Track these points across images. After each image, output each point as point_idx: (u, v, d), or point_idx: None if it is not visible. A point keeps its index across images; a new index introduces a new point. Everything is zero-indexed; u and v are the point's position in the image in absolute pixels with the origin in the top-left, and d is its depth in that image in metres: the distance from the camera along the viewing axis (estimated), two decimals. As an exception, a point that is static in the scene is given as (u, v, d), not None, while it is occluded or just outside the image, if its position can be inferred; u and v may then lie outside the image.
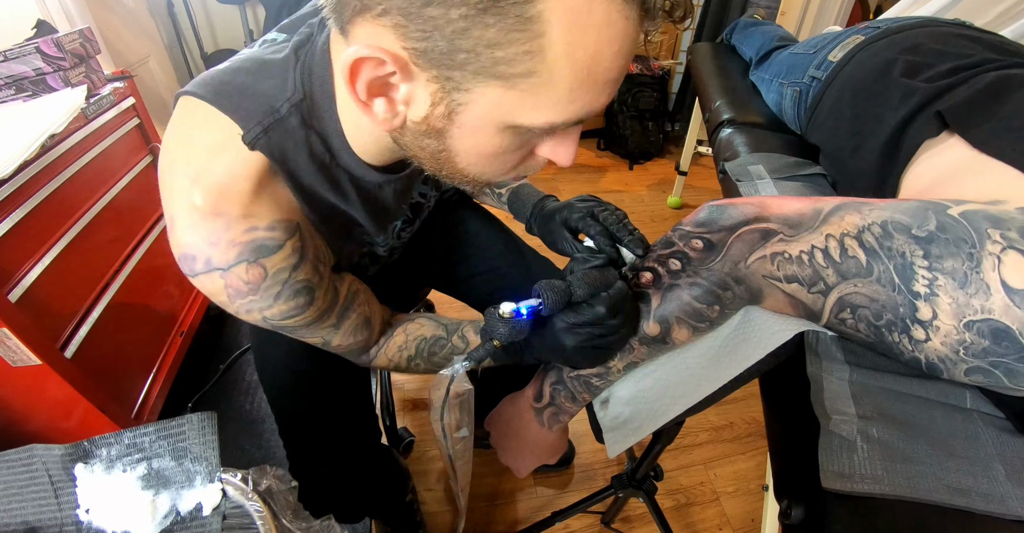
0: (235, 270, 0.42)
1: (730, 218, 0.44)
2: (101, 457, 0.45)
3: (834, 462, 0.41)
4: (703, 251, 0.45)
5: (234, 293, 0.43)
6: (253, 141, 0.41)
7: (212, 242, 0.41)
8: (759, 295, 0.44)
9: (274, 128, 0.42)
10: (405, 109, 0.37)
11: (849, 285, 0.39)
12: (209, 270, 0.42)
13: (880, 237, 0.38)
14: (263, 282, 0.44)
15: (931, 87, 0.63)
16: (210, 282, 0.43)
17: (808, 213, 0.42)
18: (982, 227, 0.36)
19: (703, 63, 1.57)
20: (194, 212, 0.40)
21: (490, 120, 0.36)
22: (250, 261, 0.42)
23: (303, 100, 0.44)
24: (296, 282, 0.46)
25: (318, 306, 0.49)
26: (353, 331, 0.55)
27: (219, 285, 0.43)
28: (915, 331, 0.38)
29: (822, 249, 0.40)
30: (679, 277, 0.46)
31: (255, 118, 0.42)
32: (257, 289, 0.44)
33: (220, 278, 0.42)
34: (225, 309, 0.47)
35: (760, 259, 0.43)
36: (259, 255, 0.43)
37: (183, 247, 0.42)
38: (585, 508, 0.99)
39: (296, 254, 0.45)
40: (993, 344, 0.35)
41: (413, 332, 0.61)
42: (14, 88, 0.96)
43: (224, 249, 0.41)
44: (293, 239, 0.45)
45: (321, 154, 0.46)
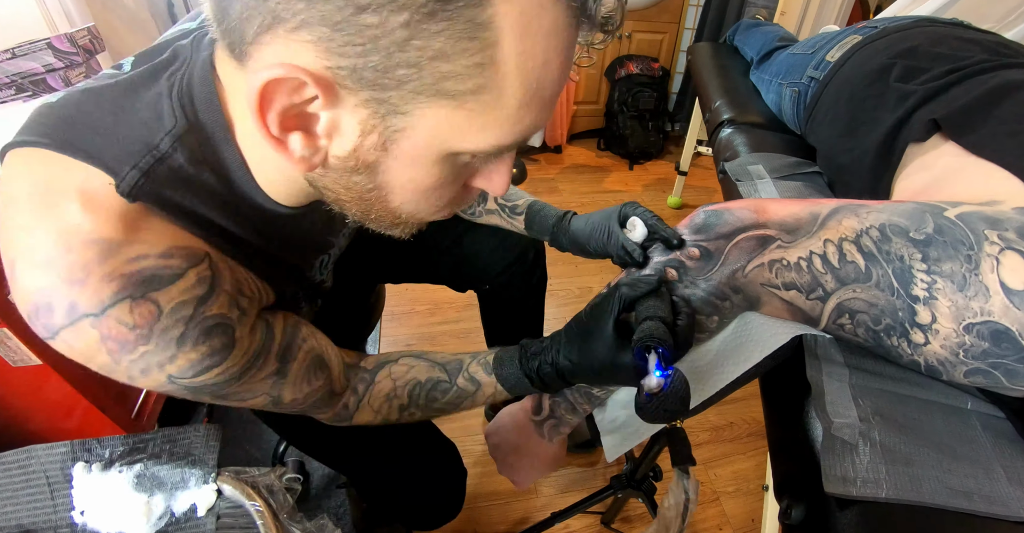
0: (112, 312, 0.31)
1: (727, 225, 0.44)
2: (101, 457, 0.45)
3: (836, 466, 0.41)
4: (700, 260, 0.45)
5: (117, 347, 0.32)
6: (131, 189, 0.32)
7: (76, 280, 0.30)
8: (757, 303, 0.44)
9: (155, 170, 0.33)
10: (327, 143, 0.31)
11: (848, 291, 0.39)
12: (74, 320, 0.31)
13: (878, 241, 0.38)
14: (156, 323, 0.32)
15: (925, 88, 0.63)
16: (78, 338, 0.31)
17: (805, 217, 0.41)
18: (979, 228, 0.36)
19: (703, 63, 1.57)
20: (46, 245, 0.30)
21: (431, 147, 0.31)
22: (135, 297, 0.31)
23: (188, 132, 0.34)
24: (205, 319, 0.35)
25: (244, 348, 0.38)
26: (305, 375, 0.45)
27: (92, 339, 0.31)
28: (914, 335, 0.37)
29: (820, 255, 0.40)
30: (676, 288, 0.46)
31: (128, 160, 0.32)
32: (149, 335, 0.32)
33: (91, 328, 0.31)
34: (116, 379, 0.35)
35: (758, 267, 0.42)
36: (148, 288, 0.32)
37: (32, 295, 0.31)
38: (585, 508, 0.99)
39: (204, 284, 0.35)
40: (993, 346, 0.35)
41: (401, 376, 0.53)
42: (14, 88, 0.96)
43: (96, 286, 0.30)
44: (199, 266, 0.35)
45: (223, 194, 0.37)
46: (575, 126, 2.81)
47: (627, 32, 2.57)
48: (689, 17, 2.60)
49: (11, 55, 0.93)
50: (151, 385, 0.36)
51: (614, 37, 0.34)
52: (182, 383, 0.36)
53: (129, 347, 0.32)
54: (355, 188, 0.34)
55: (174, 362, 0.34)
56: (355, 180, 0.33)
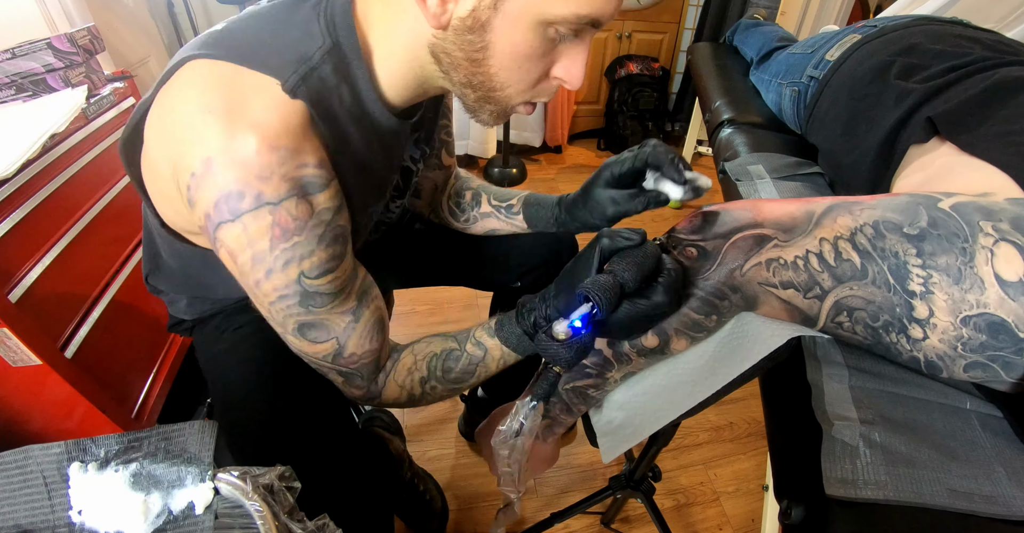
0: (286, 204, 0.40)
1: (724, 224, 0.44)
2: (97, 457, 0.45)
3: (837, 468, 0.41)
4: (698, 259, 0.45)
5: (280, 234, 0.41)
6: (294, 89, 0.41)
7: (264, 177, 0.39)
8: (755, 302, 0.44)
9: (310, 77, 0.42)
10: (454, 6, 0.40)
11: (845, 288, 0.39)
12: (259, 206, 0.40)
13: (873, 238, 0.38)
14: (310, 220, 0.42)
15: (925, 87, 0.63)
16: (256, 221, 0.40)
17: (801, 216, 0.42)
18: (974, 219, 0.36)
19: (703, 63, 1.57)
20: (242, 149, 0.38)
21: (529, 10, 0.40)
22: (299, 196, 0.41)
23: (333, 48, 0.44)
24: (337, 226, 0.45)
25: (347, 266, 0.47)
26: (371, 330, 0.51)
27: (265, 224, 0.40)
28: (912, 330, 0.38)
29: (816, 253, 0.40)
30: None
31: (290, 68, 0.41)
32: (304, 228, 0.42)
33: (269, 214, 0.40)
34: (252, 272, 0.43)
35: (756, 266, 0.42)
36: (308, 191, 0.42)
37: (227, 186, 0.39)
38: (584, 509, 0.99)
39: (338, 197, 0.45)
40: (990, 338, 0.35)
41: (421, 351, 0.56)
42: (14, 88, 0.96)
43: (276, 183, 0.39)
44: (335, 182, 0.45)
45: (350, 104, 0.46)
46: (575, 126, 2.81)
47: (627, 32, 2.57)
48: (689, 17, 2.60)
49: (11, 55, 0.93)
50: (282, 282, 0.43)
51: None
52: (306, 284, 0.44)
53: (288, 234, 0.41)
54: (468, 48, 0.43)
55: (311, 257, 0.43)
56: (469, 38, 0.42)
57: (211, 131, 0.38)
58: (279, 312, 0.46)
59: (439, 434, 1.25)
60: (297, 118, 0.41)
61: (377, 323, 0.51)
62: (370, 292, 0.52)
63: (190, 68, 0.41)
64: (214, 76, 0.40)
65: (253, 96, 0.40)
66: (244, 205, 0.39)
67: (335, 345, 0.49)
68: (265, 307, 0.47)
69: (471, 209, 0.78)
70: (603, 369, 0.50)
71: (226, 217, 0.40)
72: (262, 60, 0.41)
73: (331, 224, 0.44)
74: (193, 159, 0.39)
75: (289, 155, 0.40)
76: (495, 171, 2.43)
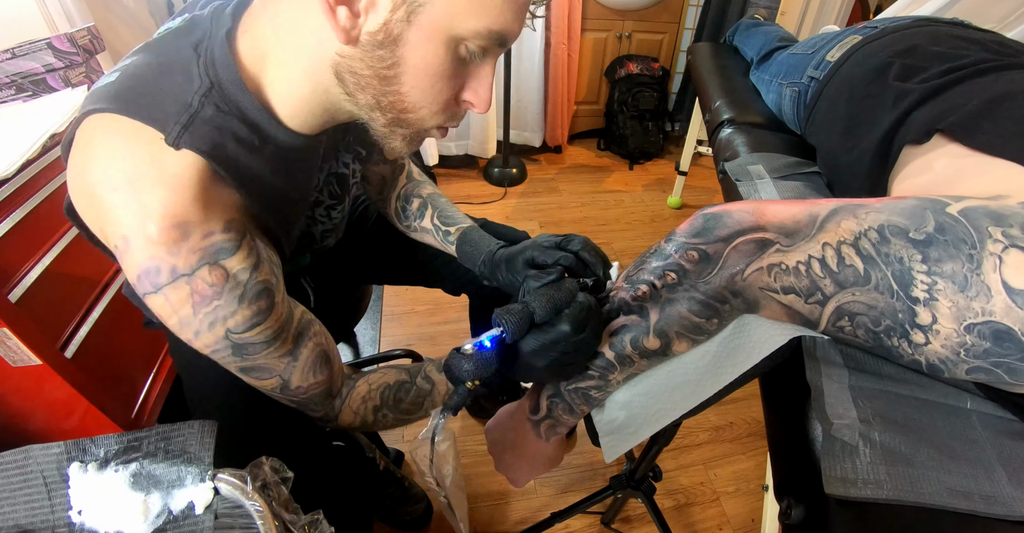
0: (199, 273, 0.42)
1: (725, 227, 0.44)
2: (97, 457, 0.45)
3: (837, 467, 0.41)
4: (699, 263, 0.44)
5: (199, 300, 0.43)
6: (176, 141, 0.41)
7: (174, 252, 0.41)
8: (756, 306, 0.44)
9: (192, 123, 0.42)
10: (364, 19, 0.40)
11: (847, 294, 0.39)
12: (174, 279, 0.42)
13: (877, 243, 0.37)
14: (226, 284, 0.43)
15: (923, 88, 0.63)
16: (175, 292, 0.42)
17: (804, 219, 0.41)
18: (983, 225, 0.35)
19: (703, 63, 1.57)
20: (149, 228, 0.40)
21: (442, 27, 0.40)
22: (211, 263, 0.43)
23: (212, 88, 0.44)
24: (257, 283, 0.46)
25: (278, 314, 0.48)
26: (313, 365, 0.52)
27: (184, 294, 0.42)
28: (914, 335, 0.37)
29: (819, 259, 0.39)
30: (676, 291, 0.45)
31: (171, 118, 0.41)
32: (221, 292, 0.43)
33: (186, 284, 0.42)
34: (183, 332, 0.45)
35: (757, 271, 0.42)
36: (219, 257, 0.43)
37: (144, 262, 0.41)
38: (585, 508, 0.99)
39: (253, 254, 0.46)
40: (995, 345, 0.34)
41: (376, 381, 0.59)
42: (14, 88, 0.96)
43: (186, 255, 0.41)
44: (247, 239, 0.45)
45: (247, 136, 0.46)
46: (575, 126, 2.81)
47: (627, 32, 2.57)
48: (689, 17, 2.60)
49: (11, 55, 0.93)
50: (211, 340, 0.45)
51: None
52: (234, 338, 0.45)
53: (207, 300, 0.43)
54: (377, 64, 0.42)
55: (235, 316, 0.44)
56: (379, 54, 0.41)
57: (120, 212, 0.40)
58: (219, 360, 0.48)
59: (439, 434, 1.25)
60: (194, 179, 0.41)
61: (319, 358, 0.53)
62: (307, 331, 0.52)
63: (89, 127, 0.42)
64: (109, 139, 0.41)
65: (145, 158, 0.40)
66: (161, 279, 0.42)
67: (279, 381, 0.51)
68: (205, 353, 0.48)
69: (414, 218, 0.78)
70: (606, 371, 0.50)
71: (149, 289, 0.42)
72: (147, 111, 0.41)
73: (249, 282, 0.45)
74: (113, 236, 0.41)
75: (193, 227, 0.41)
76: (495, 171, 2.43)
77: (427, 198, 0.78)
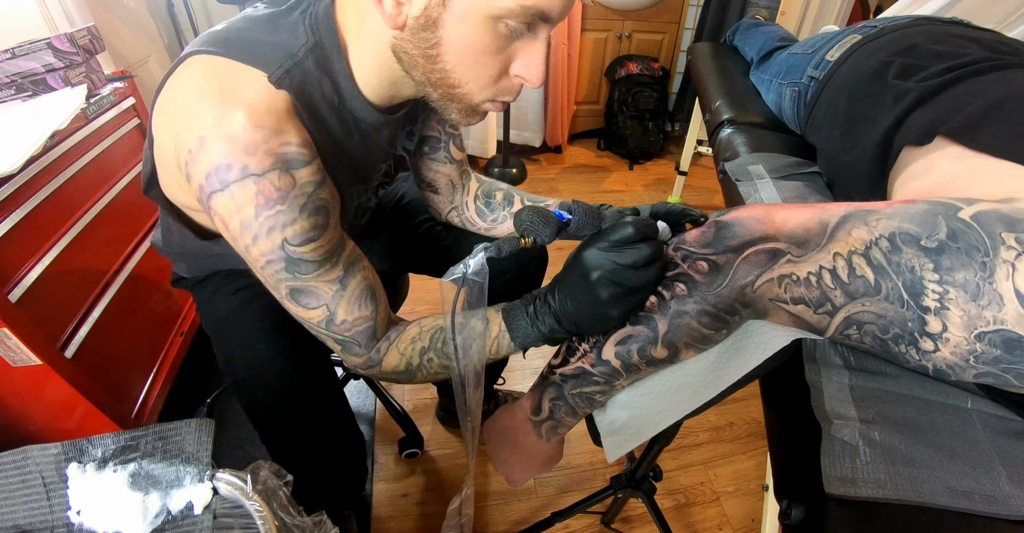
0: (269, 176, 0.44)
1: (736, 237, 0.43)
2: (95, 457, 0.45)
3: (837, 467, 0.41)
4: (708, 273, 0.44)
5: (264, 202, 0.44)
6: (279, 81, 0.45)
7: (250, 151, 0.43)
8: (764, 316, 0.43)
9: (294, 70, 0.47)
10: (408, 7, 0.43)
11: (857, 304, 0.38)
12: (244, 177, 0.43)
13: (888, 252, 0.37)
14: (292, 191, 0.45)
15: (922, 87, 0.63)
16: (242, 190, 0.44)
17: (814, 228, 0.41)
18: (996, 231, 0.34)
19: (703, 63, 1.57)
20: (231, 127, 0.42)
21: (476, 7, 0.42)
22: (282, 170, 0.45)
23: (316, 45, 0.49)
24: (318, 199, 0.48)
25: (331, 236, 0.50)
26: (360, 298, 0.53)
27: (250, 192, 0.44)
28: (923, 343, 0.37)
29: (830, 270, 0.39)
30: (685, 303, 0.45)
31: (276, 62, 0.46)
32: (286, 198, 0.45)
33: (254, 184, 0.44)
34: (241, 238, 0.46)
35: (768, 283, 0.42)
36: (290, 166, 0.45)
37: (218, 159, 0.43)
38: (585, 508, 0.99)
39: (320, 173, 0.48)
40: (1005, 353, 0.34)
41: (427, 323, 0.58)
42: (14, 88, 0.96)
43: (261, 157, 0.43)
44: (317, 160, 0.48)
45: (330, 95, 0.51)
46: (575, 126, 2.81)
47: (627, 32, 2.57)
48: (689, 17, 2.60)
49: (11, 55, 0.93)
50: (268, 247, 0.46)
51: None
52: (289, 250, 0.47)
53: (271, 203, 0.44)
54: (423, 45, 0.45)
55: (293, 225, 0.46)
56: (423, 36, 0.45)
57: (205, 113, 0.43)
58: (271, 277, 0.49)
59: (439, 434, 1.25)
60: (281, 104, 0.45)
61: (366, 291, 0.54)
62: (358, 263, 0.54)
63: (191, 62, 0.46)
64: (210, 68, 0.45)
65: (243, 85, 0.44)
66: (232, 176, 0.43)
67: (326, 312, 0.52)
68: (259, 273, 0.50)
69: (501, 208, 0.79)
70: (611, 378, 0.50)
71: (216, 187, 0.44)
72: (253, 56, 0.45)
73: (312, 196, 0.47)
74: (189, 138, 0.43)
75: (272, 133, 0.44)
76: (495, 171, 2.43)
77: (508, 189, 0.81)
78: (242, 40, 0.47)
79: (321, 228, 0.48)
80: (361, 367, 0.57)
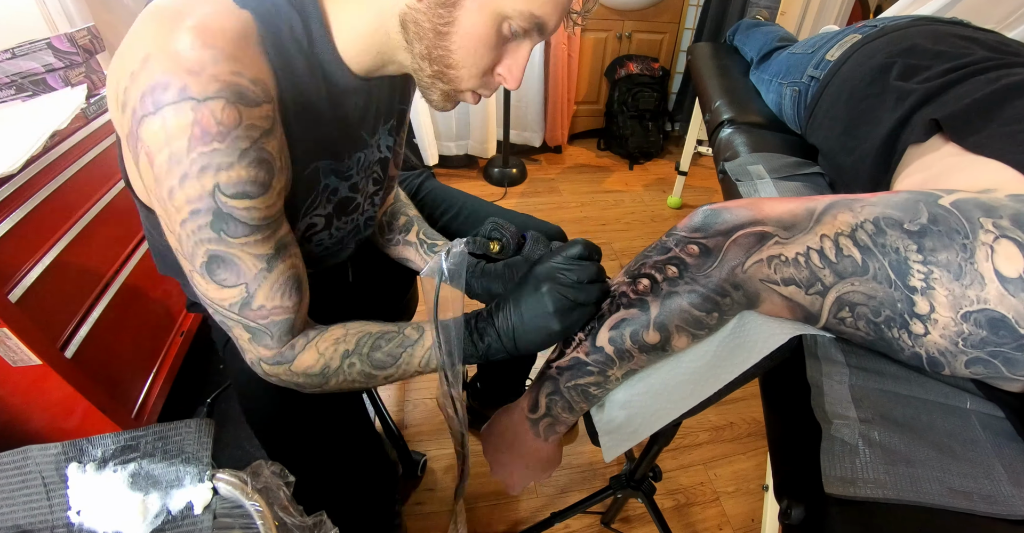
0: (211, 104, 0.38)
1: (725, 222, 0.44)
2: (95, 457, 0.45)
3: (836, 467, 0.41)
4: (699, 256, 0.45)
5: (200, 134, 0.39)
6: (243, 1, 0.41)
7: (194, 71, 0.37)
8: (756, 299, 0.44)
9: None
10: None
11: (846, 284, 0.39)
12: (181, 99, 0.37)
13: (873, 234, 0.38)
14: (234, 129, 0.40)
15: (924, 88, 0.63)
16: (176, 116, 0.38)
17: (801, 213, 0.42)
18: (974, 216, 0.36)
19: (703, 63, 1.57)
20: (177, 43, 0.37)
21: (493, 2, 0.44)
22: (228, 101, 0.39)
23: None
24: (263, 150, 0.42)
25: (269, 202, 0.44)
26: (283, 285, 0.48)
27: (186, 120, 0.38)
28: (914, 325, 0.38)
29: (817, 250, 0.40)
30: (677, 284, 0.46)
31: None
32: (227, 135, 0.39)
33: (191, 111, 0.38)
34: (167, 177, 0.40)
35: (757, 263, 0.43)
36: (239, 100, 0.40)
37: (156, 77, 0.37)
38: (584, 508, 0.99)
39: (270, 120, 0.43)
40: (991, 334, 0.35)
41: (355, 327, 0.54)
42: (14, 88, 0.96)
43: (206, 80, 0.38)
44: (270, 105, 0.43)
45: (300, 35, 0.46)
46: (575, 126, 2.81)
47: (627, 32, 2.57)
48: (689, 17, 2.60)
49: (11, 55, 0.93)
50: (196, 192, 0.40)
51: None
52: (220, 199, 0.41)
53: (207, 138, 0.39)
54: (436, 20, 0.45)
55: (228, 170, 0.41)
56: (440, 12, 0.45)
57: (153, 31, 0.38)
58: (191, 234, 0.43)
59: (440, 434, 1.25)
60: (242, 27, 0.40)
61: (291, 279, 0.49)
62: (288, 248, 0.49)
63: None
64: None
65: (203, 4, 0.40)
66: (168, 96, 0.38)
67: (243, 292, 0.46)
68: (177, 230, 0.44)
69: (399, 232, 0.80)
70: (605, 366, 0.50)
71: (149, 109, 0.38)
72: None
73: (257, 143, 0.42)
74: (134, 59, 0.38)
75: (224, 57, 0.39)
76: (495, 171, 2.43)
77: (413, 217, 0.81)
78: None
79: (261, 185, 0.43)
80: (267, 362, 0.51)
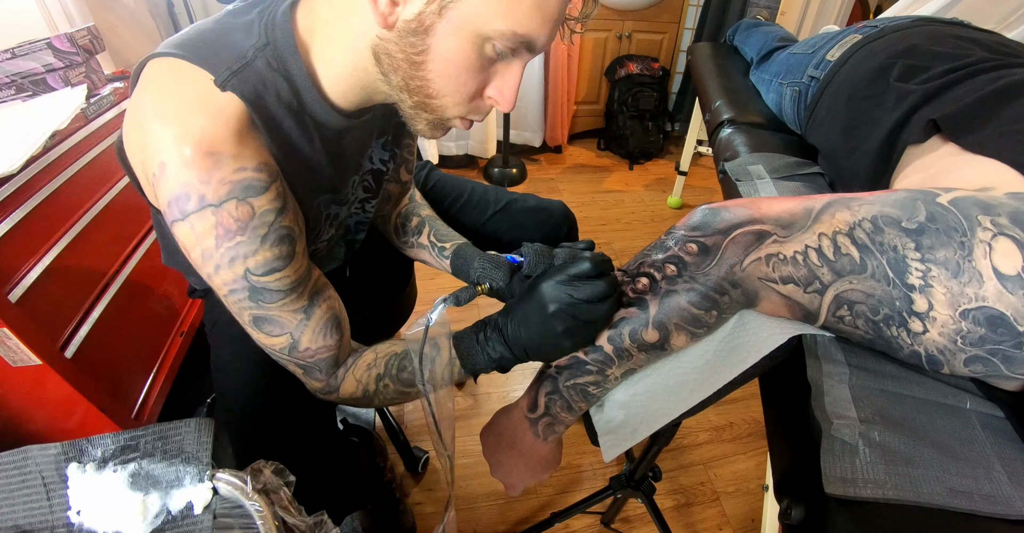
0: (226, 206, 0.43)
1: (723, 221, 0.44)
2: (95, 457, 0.45)
3: (836, 467, 0.41)
4: (698, 255, 0.45)
5: (223, 233, 0.44)
6: (224, 83, 0.44)
7: (204, 180, 0.42)
8: (755, 298, 0.44)
9: (242, 71, 0.45)
10: (402, 8, 0.42)
11: (845, 282, 0.40)
12: (202, 207, 0.43)
13: (871, 232, 0.38)
14: (251, 221, 0.45)
15: (924, 89, 0.63)
16: (201, 222, 0.44)
17: (799, 212, 0.42)
18: (972, 214, 0.36)
19: (703, 63, 1.57)
20: (186, 154, 0.42)
21: (470, 24, 0.42)
22: (240, 199, 0.44)
23: (267, 45, 0.47)
24: (281, 227, 0.47)
25: (297, 265, 0.49)
26: (324, 327, 0.53)
27: (209, 224, 0.44)
28: (912, 324, 0.38)
29: (816, 248, 0.40)
30: (676, 283, 0.46)
31: (224, 64, 0.44)
32: (245, 228, 0.44)
33: (212, 215, 0.43)
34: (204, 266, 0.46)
35: (756, 261, 0.43)
36: (248, 194, 0.44)
37: (177, 188, 0.43)
38: (584, 508, 0.99)
39: (280, 199, 0.47)
40: (989, 331, 0.35)
41: (383, 350, 0.59)
42: (14, 88, 0.96)
43: (215, 186, 0.43)
44: (277, 183, 0.47)
45: (288, 97, 0.49)
46: (575, 126, 2.81)
47: (627, 32, 2.57)
48: (689, 17, 2.60)
49: (11, 55, 0.93)
50: (230, 277, 0.46)
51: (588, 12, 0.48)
52: (252, 280, 0.47)
53: (230, 235, 0.44)
54: (409, 50, 0.44)
55: (256, 256, 0.46)
56: (411, 40, 0.44)
57: (162, 139, 0.42)
58: (234, 304, 0.49)
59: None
60: (234, 118, 0.44)
61: (330, 321, 0.54)
62: (323, 292, 0.54)
63: (150, 67, 0.46)
64: (166, 76, 0.45)
65: (194, 93, 0.43)
66: (190, 206, 0.43)
67: (289, 339, 0.52)
68: (223, 299, 0.49)
69: (412, 235, 0.81)
70: (603, 365, 0.50)
71: (177, 216, 0.44)
72: (206, 58, 0.44)
73: (274, 225, 0.46)
74: (152, 163, 0.43)
75: (227, 159, 0.43)
76: (495, 171, 2.43)
77: (424, 218, 0.81)
78: (200, 41, 0.46)
79: (286, 258, 0.48)
80: (320, 392, 0.58)
